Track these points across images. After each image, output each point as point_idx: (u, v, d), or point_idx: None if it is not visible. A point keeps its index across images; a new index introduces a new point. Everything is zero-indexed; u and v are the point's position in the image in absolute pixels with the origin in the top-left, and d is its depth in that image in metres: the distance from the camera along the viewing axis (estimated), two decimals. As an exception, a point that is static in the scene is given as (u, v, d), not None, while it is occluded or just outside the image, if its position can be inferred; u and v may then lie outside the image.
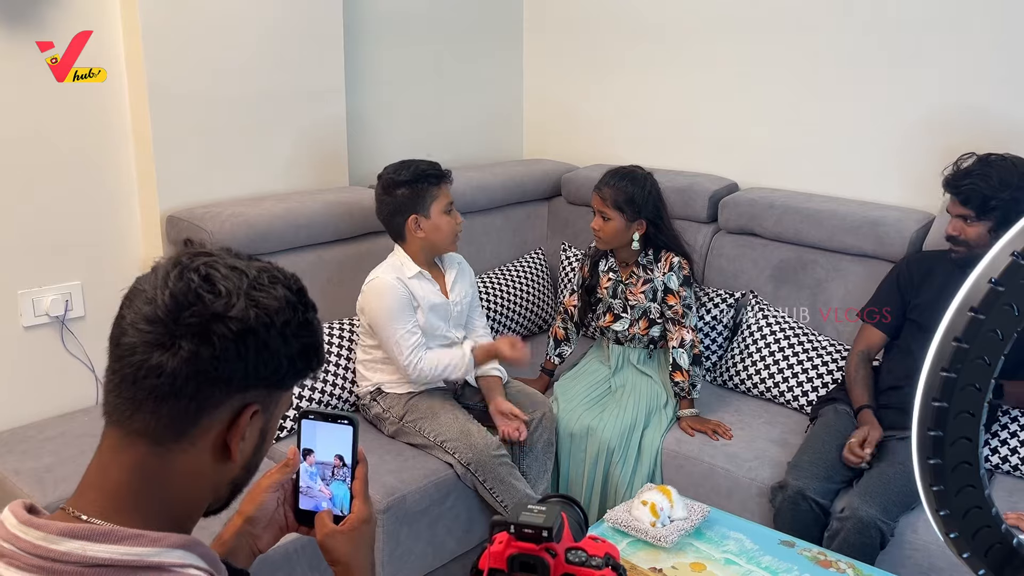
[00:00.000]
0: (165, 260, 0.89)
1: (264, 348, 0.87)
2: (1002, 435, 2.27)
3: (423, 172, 2.39)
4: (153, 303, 0.84)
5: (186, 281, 0.85)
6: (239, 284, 0.87)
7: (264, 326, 0.86)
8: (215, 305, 0.85)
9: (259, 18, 2.63)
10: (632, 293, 2.60)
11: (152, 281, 0.86)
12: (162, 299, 0.84)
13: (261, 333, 0.86)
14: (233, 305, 0.85)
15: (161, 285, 0.85)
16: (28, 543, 0.81)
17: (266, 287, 0.89)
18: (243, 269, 0.89)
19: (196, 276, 0.86)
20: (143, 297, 0.85)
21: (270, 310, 0.87)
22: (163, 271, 0.87)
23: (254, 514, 1.10)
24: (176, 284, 0.85)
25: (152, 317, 0.84)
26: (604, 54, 3.45)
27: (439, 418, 2.38)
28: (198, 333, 0.83)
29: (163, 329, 0.83)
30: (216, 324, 0.84)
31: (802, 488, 2.16)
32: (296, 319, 0.90)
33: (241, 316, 0.85)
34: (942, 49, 2.67)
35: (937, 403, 0.64)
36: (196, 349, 0.83)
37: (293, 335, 0.89)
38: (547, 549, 0.93)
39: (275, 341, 0.87)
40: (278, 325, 0.88)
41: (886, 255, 2.64)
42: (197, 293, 0.84)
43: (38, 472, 2.09)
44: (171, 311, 0.84)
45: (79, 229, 2.43)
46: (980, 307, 0.62)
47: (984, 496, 0.67)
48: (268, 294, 0.88)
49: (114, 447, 0.87)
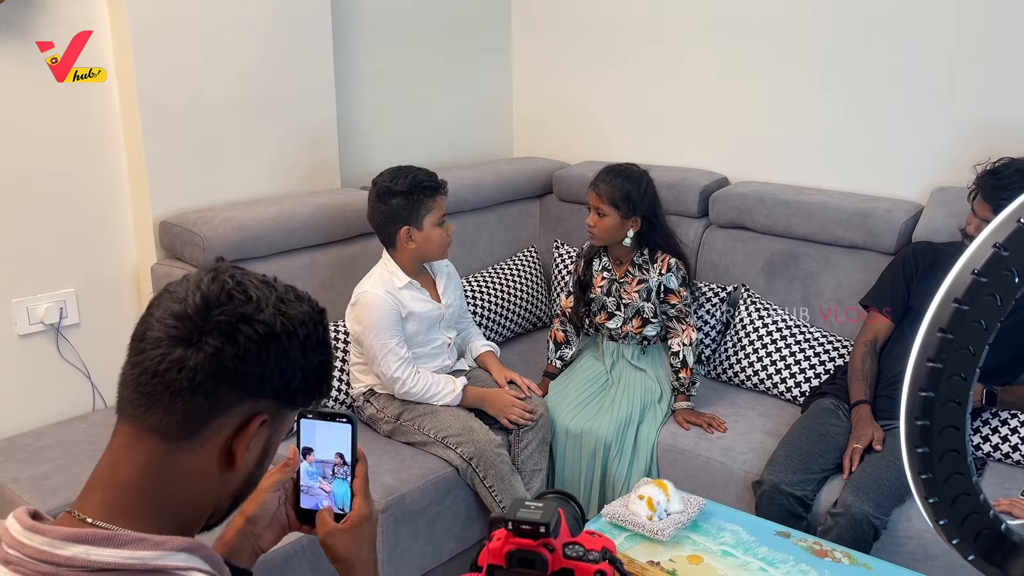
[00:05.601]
0: (199, 269, 0.94)
1: (284, 356, 0.90)
2: (993, 423, 2.30)
3: (419, 183, 2.37)
4: (183, 302, 0.88)
5: (220, 283, 0.90)
6: (268, 295, 0.92)
7: (287, 334, 0.91)
8: (245, 308, 0.89)
9: (248, 21, 2.63)
10: (626, 292, 2.61)
11: (184, 285, 0.91)
12: (193, 299, 0.88)
13: (284, 341, 0.90)
14: (262, 310, 0.90)
15: (193, 288, 0.89)
16: (33, 549, 0.82)
17: (292, 302, 0.94)
18: (272, 284, 0.94)
19: (231, 280, 0.91)
20: (173, 297, 0.90)
21: (295, 321, 0.92)
22: (197, 276, 0.92)
23: (255, 514, 1.11)
24: (210, 287, 0.89)
25: (181, 314, 0.87)
26: (592, 51, 3.46)
27: (439, 415, 2.39)
28: (225, 331, 0.87)
29: (191, 325, 0.87)
30: (244, 325, 0.88)
31: (777, 483, 2.17)
32: (316, 335, 0.95)
33: (268, 321, 0.89)
34: (925, 41, 2.68)
35: (924, 393, 0.65)
36: (221, 347, 0.87)
37: (312, 350, 0.94)
38: (545, 545, 0.94)
39: (295, 351, 0.91)
40: (300, 337, 0.92)
41: (876, 246, 2.65)
42: (230, 294, 0.89)
43: (36, 480, 2.09)
44: (201, 309, 0.87)
45: (72, 236, 2.43)
46: (964, 298, 0.63)
47: (972, 483, 0.69)
48: (294, 307, 0.93)
49: (126, 444, 0.89)
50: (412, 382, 2.39)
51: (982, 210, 2.18)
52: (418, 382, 2.40)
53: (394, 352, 2.36)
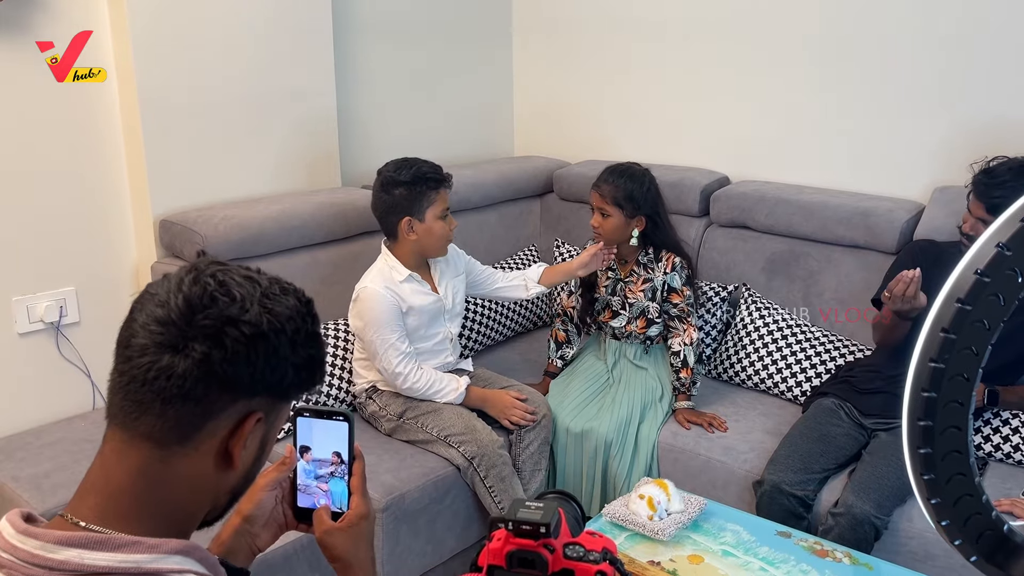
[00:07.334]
0: (179, 268, 0.91)
1: (273, 354, 0.88)
2: (994, 423, 2.29)
3: (423, 175, 2.36)
4: (166, 306, 0.86)
5: (202, 285, 0.87)
6: (252, 292, 0.89)
7: (275, 332, 0.88)
8: (230, 309, 0.86)
9: (249, 21, 2.63)
10: (631, 291, 2.61)
11: (165, 286, 0.88)
12: (175, 302, 0.86)
13: (272, 339, 0.88)
14: (247, 310, 0.87)
15: (175, 289, 0.87)
16: (26, 552, 0.81)
17: (278, 296, 0.91)
18: (256, 279, 0.91)
19: (212, 281, 0.88)
20: (155, 300, 0.87)
21: (282, 317, 0.89)
22: (177, 277, 0.89)
23: (252, 513, 1.10)
24: (191, 288, 0.87)
25: (164, 319, 0.85)
26: (593, 50, 3.46)
27: (442, 413, 2.39)
28: (211, 336, 0.85)
29: (175, 331, 0.85)
30: (229, 327, 0.86)
31: (778, 483, 2.17)
32: (305, 329, 0.92)
33: (254, 321, 0.87)
34: (926, 40, 2.68)
35: (926, 393, 0.65)
36: (208, 351, 0.85)
37: (301, 344, 0.91)
38: (545, 545, 0.94)
39: (284, 348, 0.89)
40: (288, 333, 0.90)
41: (878, 246, 2.65)
42: (212, 296, 0.86)
43: (36, 478, 2.09)
44: (184, 314, 0.85)
45: (72, 234, 2.43)
46: (967, 298, 0.63)
47: (974, 484, 0.68)
48: (280, 303, 0.90)
49: (117, 450, 0.87)
50: (415, 377, 2.38)
51: (976, 208, 2.18)
52: (421, 378, 2.39)
53: (395, 347, 2.36)
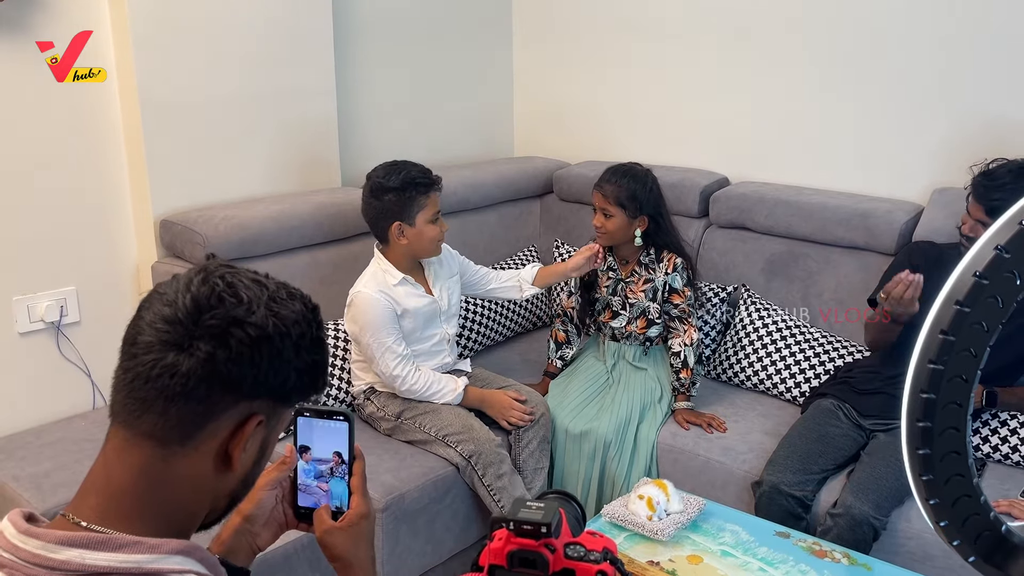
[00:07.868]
0: (189, 269, 0.92)
1: (277, 357, 0.89)
2: (992, 423, 2.30)
3: (412, 180, 2.35)
4: (173, 305, 0.87)
5: (210, 286, 0.88)
6: (260, 295, 0.90)
7: (280, 335, 0.89)
8: (236, 311, 0.87)
9: (249, 21, 2.63)
10: (632, 291, 2.61)
11: (173, 286, 0.89)
12: (183, 302, 0.86)
13: (276, 342, 0.89)
14: (254, 312, 0.88)
15: (183, 289, 0.88)
16: (28, 552, 0.81)
17: (285, 300, 0.92)
18: (264, 282, 0.92)
19: (221, 282, 0.89)
20: (163, 300, 0.88)
21: (287, 321, 0.90)
22: (186, 278, 0.90)
23: (253, 512, 1.10)
24: (199, 288, 0.87)
25: (171, 318, 0.86)
26: (594, 51, 3.46)
27: (440, 413, 2.39)
28: (217, 335, 0.86)
29: (182, 330, 0.85)
30: (235, 328, 0.86)
31: (777, 483, 2.17)
32: (310, 334, 0.93)
33: (260, 323, 0.88)
34: (927, 43, 2.68)
35: (925, 395, 0.65)
36: (213, 351, 0.85)
37: (306, 349, 0.92)
38: (546, 545, 0.94)
39: (288, 352, 0.90)
40: (293, 337, 0.91)
41: (877, 247, 2.65)
42: (220, 297, 0.87)
43: (37, 477, 2.09)
44: (191, 313, 0.86)
45: (73, 235, 2.43)
46: (965, 300, 0.63)
47: (973, 484, 0.69)
48: (286, 307, 0.91)
49: (119, 448, 0.88)
50: (413, 379, 2.39)
51: (975, 210, 2.18)
52: (419, 379, 2.40)
53: (391, 350, 2.36)
